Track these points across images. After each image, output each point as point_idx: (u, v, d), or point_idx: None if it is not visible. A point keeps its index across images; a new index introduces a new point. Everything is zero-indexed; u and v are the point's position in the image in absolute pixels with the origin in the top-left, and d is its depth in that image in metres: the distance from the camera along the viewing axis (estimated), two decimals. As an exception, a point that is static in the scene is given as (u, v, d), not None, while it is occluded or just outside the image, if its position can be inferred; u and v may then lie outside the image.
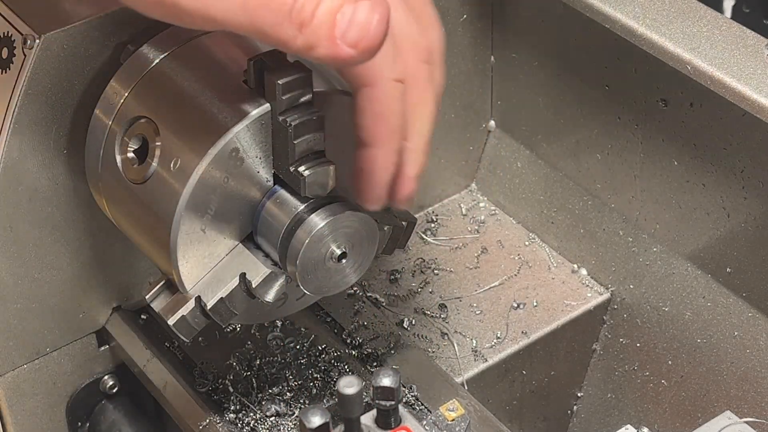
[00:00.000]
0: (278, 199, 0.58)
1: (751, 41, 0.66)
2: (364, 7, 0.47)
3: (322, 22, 0.47)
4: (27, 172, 0.64)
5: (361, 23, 0.46)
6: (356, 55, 0.47)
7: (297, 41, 0.47)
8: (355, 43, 0.47)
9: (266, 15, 0.47)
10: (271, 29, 0.47)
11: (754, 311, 0.71)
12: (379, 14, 0.47)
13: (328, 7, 0.47)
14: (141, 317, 0.74)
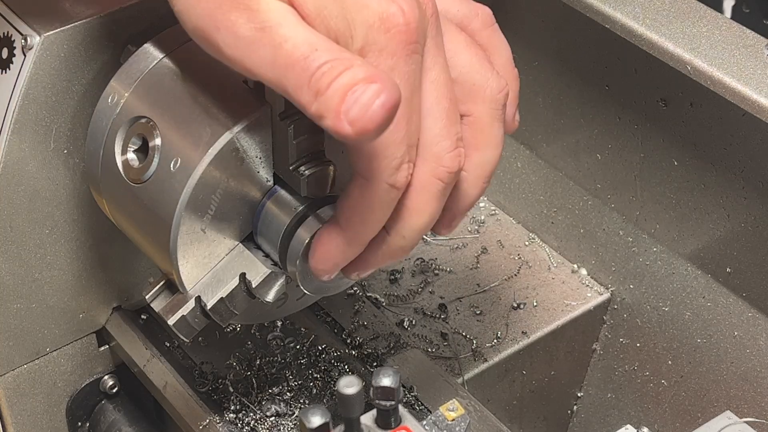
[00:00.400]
0: (278, 199, 0.58)
1: (751, 41, 0.66)
2: (371, 89, 0.47)
3: (334, 94, 0.47)
4: (27, 172, 0.65)
5: (362, 104, 0.47)
6: (352, 134, 0.47)
7: (312, 107, 0.48)
8: (353, 122, 0.47)
9: (290, 76, 0.49)
10: (293, 90, 0.49)
11: (754, 311, 0.71)
12: (383, 100, 0.47)
13: (344, 82, 0.47)
14: (141, 317, 0.74)
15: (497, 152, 0.58)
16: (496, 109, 0.58)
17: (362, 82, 0.47)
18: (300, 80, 0.48)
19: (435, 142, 0.54)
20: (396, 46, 0.51)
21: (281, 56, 0.49)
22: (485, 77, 0.57)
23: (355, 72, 0.48)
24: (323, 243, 0.56)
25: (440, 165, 0.54)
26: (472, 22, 0.60)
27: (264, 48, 0.49)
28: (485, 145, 0.58)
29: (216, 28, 0.50)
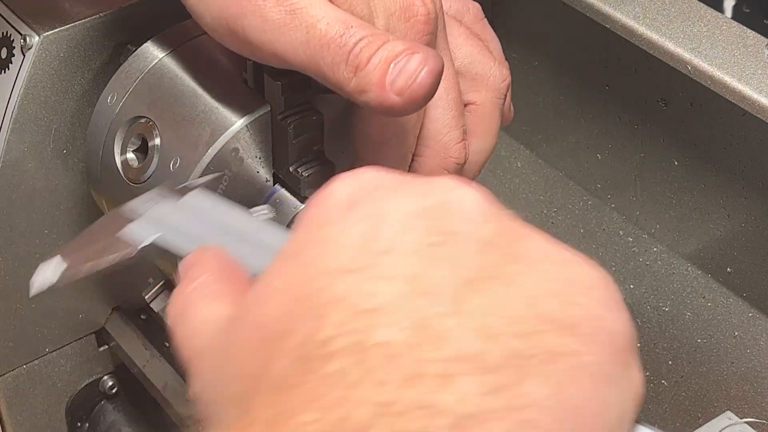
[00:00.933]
0: (278, 199, 0.58)
1: (751, 41, 0.66)
2: (416, 58, 0.48)
3: (376, 68, 0.48)
4: (26, 172, 0.64)
5: (409, 72, 0.47)
6: (401, 103, 0.48)
7: (350, 83, 0.48)
8: (401, 91, 0.48)
9: (325, 55, 0.49)
10: (328, 69, 0.49)
11: (755, 311, 0.71)
12: (429, 67, 0.47)
13: (385, 55, 0.48)
14: (141, 317, 0.74)
15: (495, 141, 0.60)
16: (498, 98, 0.59)
17: (403, 53, 0.48)
18: (337, 57, 0.48)
19: (444, 132, 0.55)
20: (415, 34, 0.51)
21: (315, 36, 0.49)
22: (488, 67, 0.59)
23: (394, 45, 0.48)
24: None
25: (449, 155, 0.55)
26: (465, 17, 0.62)
27: (296, 30, 0.49)
28: (485, 133, 0.59)
29: (242, 14, 0.50)
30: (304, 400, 0.32)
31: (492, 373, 0.32)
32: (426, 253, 0.34)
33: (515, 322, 0.33)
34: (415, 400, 0.31)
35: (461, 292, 0.33)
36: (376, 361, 0.32)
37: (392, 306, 0.33)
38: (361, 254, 0.35)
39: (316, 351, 0.33)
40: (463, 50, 0.59)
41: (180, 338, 0.41)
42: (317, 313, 0.34)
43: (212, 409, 0.37)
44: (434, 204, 0.36)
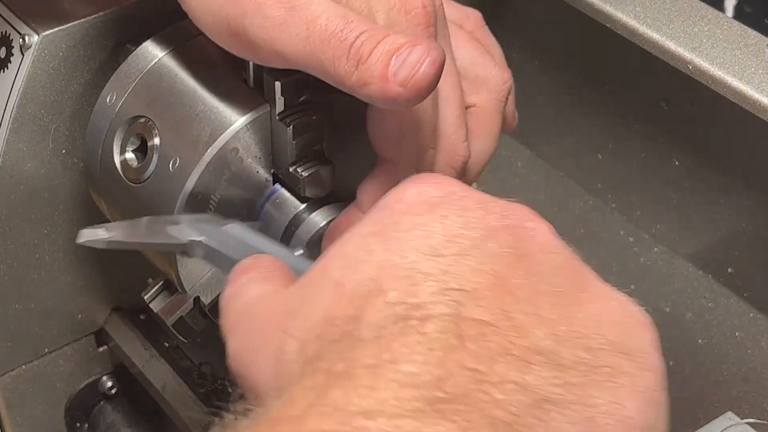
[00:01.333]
0: (278, 199, 0.58)
1: (752, 40, 0.66)
2: (418, 49, 0.48)
3: (378, 60, 0.48)
4: (25, 171, 0.64)
5: (412, 63, 0.48)
6: (404, 94, 0.48)
7: (352, 77, 0.49)
8: (404, 82, 0.48)
9: (326, 50, 0.49)
10: (330, 64, 0.49)
11: (756, 312, 0.71)
12: (431, 58, 0.48)
13: (386, 47, 0.48)
14: (140, 317, 0.74)
15: (495, 143, 0.60)
16: (499, 100, 0.60)
17: (405, 45, 0.48)
18: (338, 52, 0.49)
19: (452, 130, 0.55)
20: (416, 28, 0.52)
21: (315, 32, 0.49)
22: (488, 69, 0.60)
23: (395, 38, 0.48)
24: (342, 229, 0.55)
25: (456, 153, 0.56)
26: (465, 24, 0.62)
27: (296, 26, 0.49)
28: (486, 135, 0.59)
29: (242, 13, 0.50)
30: (405, 353, 0.36)
31: (563, 371, 0.37)
32: (507, 260, 0.39)
33: (583, 336, 0.38)
34: (505, 375, 0.36)
35: (538, 301, 0.38)
36: (471, 333, 0.37)
37: (484, 292, 0.38)
38: (448, 244, 0.39)
39: (413, 312, 0.37)
40: (463, 53, 0.60)
41: (230, 311, 0.44)
42: (409, 281, 0.38)
43: (264, 365, 0.40)
44: (512, 225, 0.41)
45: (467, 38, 0.61)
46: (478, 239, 0.40)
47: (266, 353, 0.41)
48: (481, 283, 0.38)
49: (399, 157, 0.54)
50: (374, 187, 0.55)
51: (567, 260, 0.42)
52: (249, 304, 0.44)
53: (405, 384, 0.35)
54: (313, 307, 0.40)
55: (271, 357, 0.40)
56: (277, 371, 0.40)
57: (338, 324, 0.38)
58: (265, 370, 0.41)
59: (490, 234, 0.40)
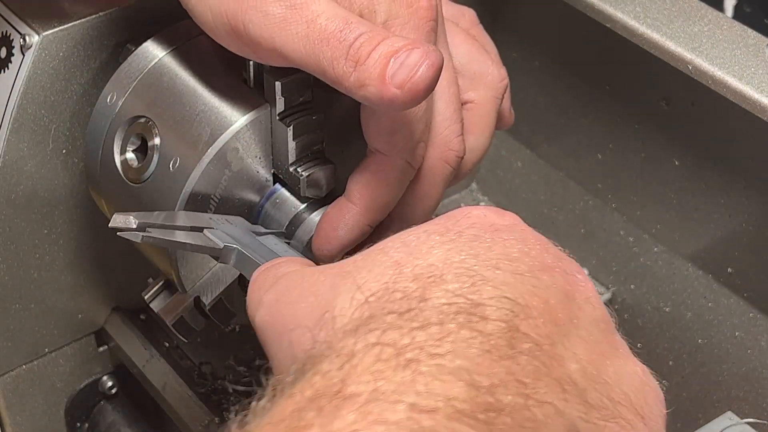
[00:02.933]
0: (278, 199, 0.58)
1: (752, 41, 0.66)
2: (416, 52, 0.48)
3: (376, 62, 0.48)
4: (25, 172, 0.64)
5: (410, 65, 0.48)
6: (402, 96, 0.48)
7: (350, 78, 0.49)
8: (402, 84, 0.48)
9: (325, 50, 0.49)
10: (328, 63, 0.49)
11: (756, 311, 0.70)
12: (429, 61, 0.48)
13: (385, 50, 0.49)
14: (140, 317, 0.74)
15: (490, 140, 0.61)
16: (496, 96, 0.60)
17: (403, 49, 0.48)
18: (337, 52, 0.49)
19: (445, 125, 0.55)
20: (418, 20, 0.52)
21: (315, 31, 0.49)
22: (485, 66, 0.60)
23: (393, 41, 0.49)
24: (331, 220, 0.56)
25: (449, 148, 0.56)
26: (460, 22, 0.63)
27: (296, 25, 0.50)
28: (481, 131, 0.60)
29: (243, 10, 0.51)
30: (463, 347, 0.37)
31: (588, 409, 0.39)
32: (557, 295, 0.41)
33: (608, 385, 0.40)
34: (546, 396, 0.37)
35: (575, 341, 0.41)
36: (523, 347, 0.38)
37: (534, 313, 0.40)
38: (506, 262, 0.41)
39: (473, 309, 0.39)
40: (461, 50, 0.60)
41: (268, 275, 0.46)
42: (469, 280, 0.40)
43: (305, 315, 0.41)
44: (565, 269, 0.43)
45: (465, 36, 0.61)
46: (534, 268, 0.42)
47: (310, 304, 0.42)
48: (532, 304, 0.40)
49: (390, 149, 0.54)
50: (365, 179, 0.55)
51: (604, 318, 0.43)
52: (291, 272, 0.45)
53: (463, 383, 0.36)
54: (372, 275, 0.41)
55: (315, 308, 0.41)
56: (321, 322, 0.40)
57: (399, 296, 0.40)
58: (305, 319, 0.41)
59: (545, 269, 0.42)
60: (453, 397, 0.35)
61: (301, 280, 0.44)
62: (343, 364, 0.37)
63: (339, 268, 0.43)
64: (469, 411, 0.35)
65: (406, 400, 0.35)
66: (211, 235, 0.52)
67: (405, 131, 0.53)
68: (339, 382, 0.36)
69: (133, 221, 0.50)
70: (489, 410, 0.35)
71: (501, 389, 0.36)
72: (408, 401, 0.35)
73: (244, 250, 0.52)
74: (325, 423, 0.34)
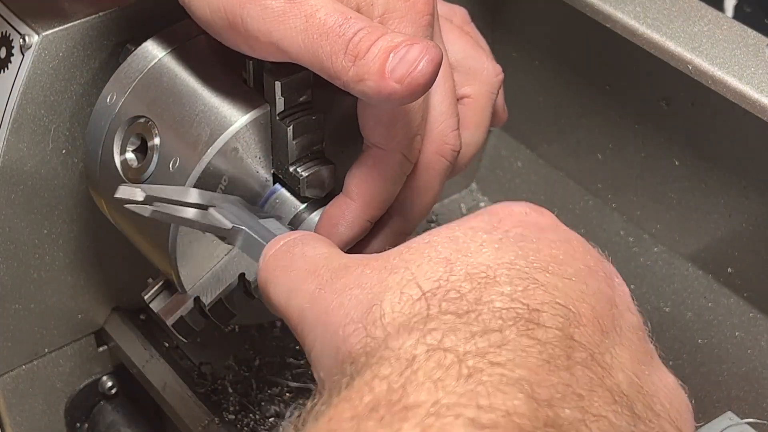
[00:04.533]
0: (278, 199, 0.58)
1: (752, 40, 0.66)
2: (416, 47, 0.48)
3: (375, 57, 0.48)
4: (25, 171, 0.64)
5: (409, 61, 0.48)
6: (401, 91, 0.48)
7: (349, 72, 0.49)
8: (401, 79, 0.48)
9: (324, 44, 0.49)
10: (327, 58, 0.49)
11: (756, 311, 0.70)
12: (429, 56, 0.48)
13: (384, 44, 0.48)
14: (140, 317, 0.74)
15: (485, 134, 0.61)
16: (491, 92, 0.61)
17: (402, 44, 0.48)
18: (336, 46, 0.49)
19: (441, 120, 0.55)
20: (416, 14, 0.52)
21: (314, 25, 0.49)
22: (480, 62, 0.61)
23: (392, 36, 0.49)
24: (331, 217, 0.56)
25: (445, 143, 0.56)
26: (453, 20, 0.63)
27: (295, 19, 0.50)
28: (476, 126, 0.60)
29: (241, 3, 0.51)
30: (522, 356, 0.37)
31: (636, 420, 0.38)
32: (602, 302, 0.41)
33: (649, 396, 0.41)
34: (600, 409, 0.37)
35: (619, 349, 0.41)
36: (578, 356, 0.38)
37: (584, 320, 0.40)
38: (553, 264, 0.41)
39: (529, 315, 0.38)
40: (455, 46, 0.60)
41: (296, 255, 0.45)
42: (523, 283, 0.40)
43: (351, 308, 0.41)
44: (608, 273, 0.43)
45: (459, 32, 0.61)
46: (580, 272, 0.41)
47: (356, 297, 0.41)
48: (582, 311, 0.40)
49: (387, 143, 0.54)
50: (362, 174, 0.55)
51: (641, 325, 0.43)
52: (324, 253, 0.44)
53: (524, 395, 0.35)
54: (421, 271, 0.40)
55: (363, 302, 0.40)
56: (369, 317, 0.39)
57: (455, 296, 0.39)
58: (352, 312, 0.40)
59: (589, 273, 0.42)
60: (513, 412, 0.34)
61: (345, 269, 0.43)
62: (403, 370, 0.36)
63: (384, 260, 0.42)
64: (530, 426, 0.34)
65: (467, 414, 0.34)
66: (219, 215, 0.51)
67: (402, 125, 0.53)
68: (400, 388, 0.35)
69: (140, 194, 0.50)
70: (548, 425, 0.35)
71: (560, 402, 0.36)
72: (469, 415, 0.34)
73: (251, 232, 0.51)
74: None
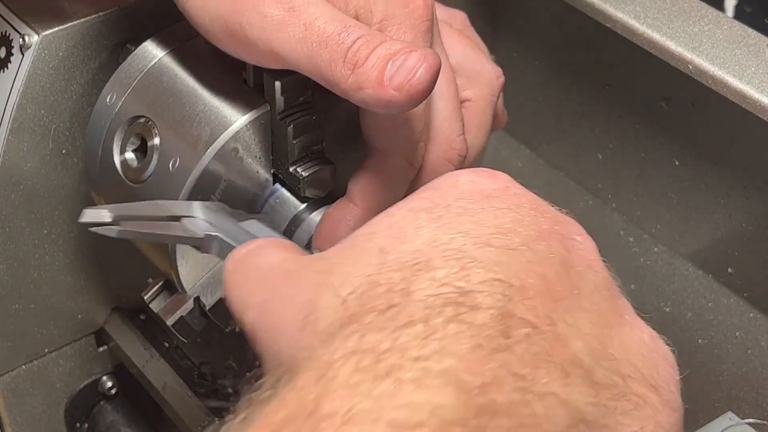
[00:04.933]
0: (278, 199, 0.58)
1: (752, 40, 0.66)
2: (414, 55, 0.48)
3: (374, 65, 0.48)
4: (25, 172, 0.64)
5: (408, 68, 0.48)
6: (399, 98, 0.48)
7: (348, 80, 0.49)
8: (400, 86, 0.48)
9: (323, 52, 0.49)
10: (326, 66, 0.49)
11: (756, 311, 0.70)
12: (427, 64, 0.48)
13: (382, 53, 0.49)
14: (140, 317, 0.74)
15: (487, 138, 0.61)
16: (492, 94, 0.61)
17: (400, 52, 0.48)
18: (335, 55, 0.49)
19: (446, 124, 0.56)
20: (415, 20, 0.52)
21: (313, 34, 0.49)
22: (481, 65, 0.61)
23: (391, 44, 0.49)
24: (333, 221, 0.56)
25: (451, 147, 0.56)
26: (452, 24, 0.63)
27: (294, 27, 0.50)
28: (478, 129, 0.60)
29: (240, 11, 0.51)
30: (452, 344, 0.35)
31: (597, 390, 0.36)
32: (554, 267, 0.39)
33: (615, 360, 0.38)
34: (547, 385, 0.35)
35: (577, 314, 0.38)
36: (518, 334, 0.36)
37: (530, 292, 0.37)
38: (498, 236, 0.39)
39: (462, 298, 0.36)
40: (456, 49, 0.60)
41: (249, 267, 0.43)
42: (458, 264, 0.37)
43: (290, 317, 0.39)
44: (563, 233, 0.40)
45: (459, 35, 0.62)
46: (529, 239, 0.39)
47: (296, 305, 0.39)
48: (528, 282, 0.37)
49: (391, 148, 0.54)
50: (366, 179, 0.55)
51: (607, 282, 0.41)
52: (275, 262, 0.43)
53: (452, 387, 0.33)
54: (356, 268, 0.38)
55: (301, 310, 0.38)
56: (305, 326, 0.38)
57: (382, 291, 0.37)
58: (291, 323, 0.38)
59: (541, 236, 0.39)
60: (439, 406, 0.33)
61: (289, 276, 0.41)
62: (319, 378, 0.34)
63: (324, 260, 0.40)
64: (459, 419, 0.33)
65: (385, 417, 0.32)
66: (190, 225, 0.50)
67: (404, 130, 0.53)
68: (314, 399, 0.33)
69: (107, 215, 0.49)
70: (482, 414, 0.33)
71: (495, 387, 0.34)
72: (387, 418, 0.32)
73: (225, 238, 0.50)
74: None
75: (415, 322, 0.35)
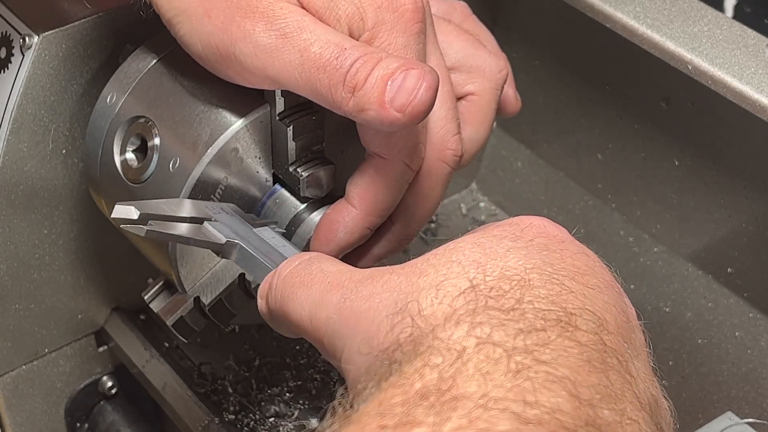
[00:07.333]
0: (278, 199, 0.58)
1: (752, 41, 0.66)
2: (413, 75, 0.48)
3: (374, 87, 0.49)
4: (25, 172, 0.64)
5: (408, 89, 0.48)
6: (402, 119, 0.49)
7: (349, 103, 0.49)
8: (402, 108, 0.48)
9: (322, 77, 0.49)
10: (325, 90, 0.50)
11: (756, 311, 0.70)
12: (427, 82, 0.48)
13: (381, 74, 0.49)
14: (140, 318, 0.74)
15: (489, 131, 0.61)
16: (495, 88, 0.61)
17: (398, 70, 0.48)
18: (334, 80, 0.49)
19: (441, 125, 0.56)
20: (405, 24, 0.52)
21: (310, 60, 0.49)
22: (481, 59, 0.60)
23: (387, 63, 0.49)
24: (331, 222, 0.56)
25: (446, 148, 0.56)
26: (453, 16, 0.63)
27: (289, 54, 0.50)
28: (480, 123, 0.60)
29: (232, 41, 0.51)
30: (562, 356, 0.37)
31: (658, 429, 0.39)
32: (618, 314, 0.41)
33: (658, 404, 0.41)
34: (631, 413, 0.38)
35: (635, 360, 0.41)
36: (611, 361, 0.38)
37: (611, 328, 0.40)
38: (579, 275, 0.42)
39: (565, 318, 0.39)
40: (455, 46, 0.60)
41: (315, 271, 0.45)
42: (555, 288, 0.40)
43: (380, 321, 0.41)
44: (620, 289, 0.43)
45: (458, 32, 0.61)
46: (601, 284, 0.42)
47: (386, 300, 0.41)
48: (607, 318, 0.40)
49: (388, 152, 0.54)
50: (364, 182, 0.55)
51: (644, 344, 0.44)
52: (343, 268, 0.45)
53: (567, 394, 0.36)
54: (453, 272, 0.41)
55: (396, 301, 0.40)
56: (405, 311, 0.40)
57: (496, 293, 0.39)
58: (386, 311, 0.41)
59: (608, 286, 0.42)
60: (557, 409, 0.35)
61: (369, 277, 0.43)
62: (454, 360, 0.36)
63: (411, 267, 0.42)
64: (572, 424, 0.35)
65: (513, 408, 0.34)
66: (213, 229, 0.52)
67: (401, 135, 0.53)
68: (450, 378, 0.36)
69: (135, 212, 0.50)
70: (589, 424, 0.35)
71: (600, 402, 0.36)
72: (515, 410, 0.34)
73: (246, 246, 0.51)
74: (436, 423, 0.34)
75: (536, 330, 0.38)
